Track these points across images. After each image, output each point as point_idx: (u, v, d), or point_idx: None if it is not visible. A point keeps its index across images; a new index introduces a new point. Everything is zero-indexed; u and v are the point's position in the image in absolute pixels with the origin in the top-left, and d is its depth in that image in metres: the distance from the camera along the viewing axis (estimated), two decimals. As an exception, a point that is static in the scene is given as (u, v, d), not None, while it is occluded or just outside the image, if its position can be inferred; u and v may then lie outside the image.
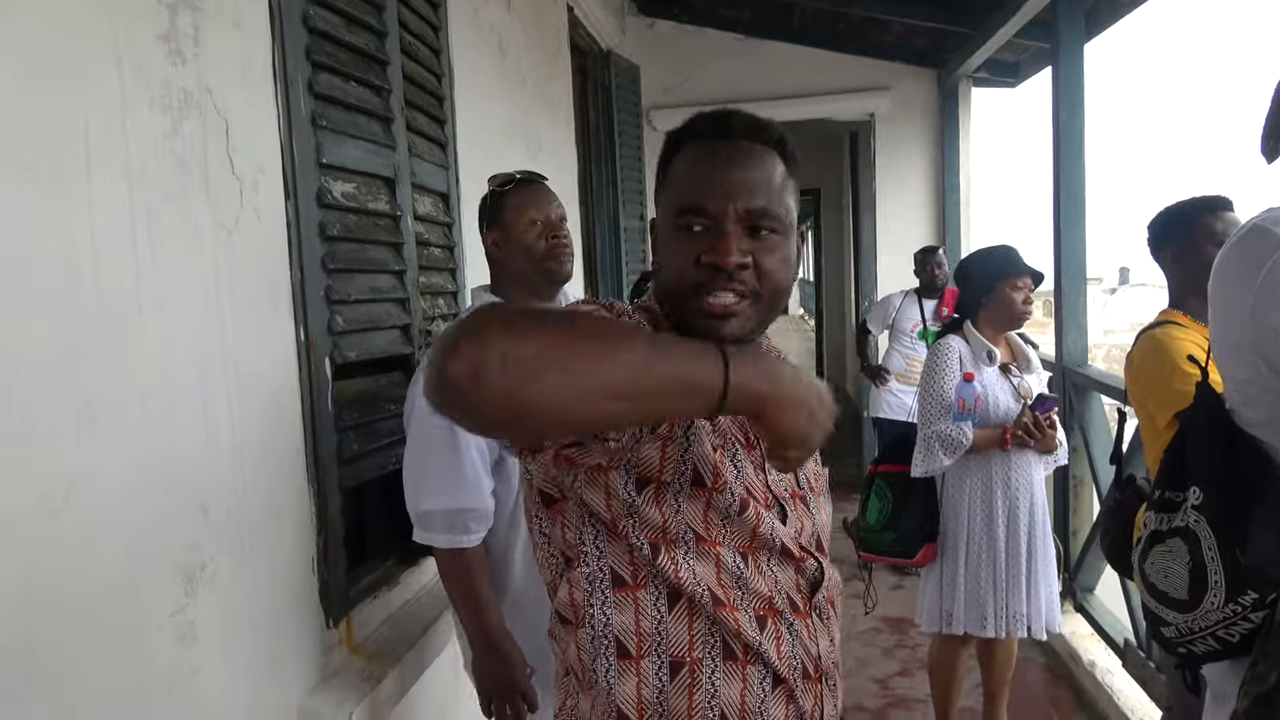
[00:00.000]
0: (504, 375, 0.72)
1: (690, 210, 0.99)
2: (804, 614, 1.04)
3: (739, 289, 0.98)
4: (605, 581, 1.00)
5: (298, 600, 1.70)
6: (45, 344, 1.13)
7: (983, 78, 5.66)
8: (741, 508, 0.99)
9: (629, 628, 0.99)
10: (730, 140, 1.02)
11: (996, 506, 2.63)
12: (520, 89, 3.29)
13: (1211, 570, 1.19)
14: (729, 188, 0.98)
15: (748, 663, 1.00)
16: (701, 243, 0.98)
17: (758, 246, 0.99)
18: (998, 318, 2.68)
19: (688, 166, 1.02)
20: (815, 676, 1.04)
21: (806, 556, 1.05)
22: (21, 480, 1.09)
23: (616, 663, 1.00)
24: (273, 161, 1.63)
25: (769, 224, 0.99)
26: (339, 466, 1.82)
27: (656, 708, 0.99)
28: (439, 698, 2.17)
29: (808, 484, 1.11)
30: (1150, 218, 2.10)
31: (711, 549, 0.99)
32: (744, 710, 0.99)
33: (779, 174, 1.02)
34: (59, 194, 1.15)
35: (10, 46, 1.09)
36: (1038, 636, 2.67)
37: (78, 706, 1.17)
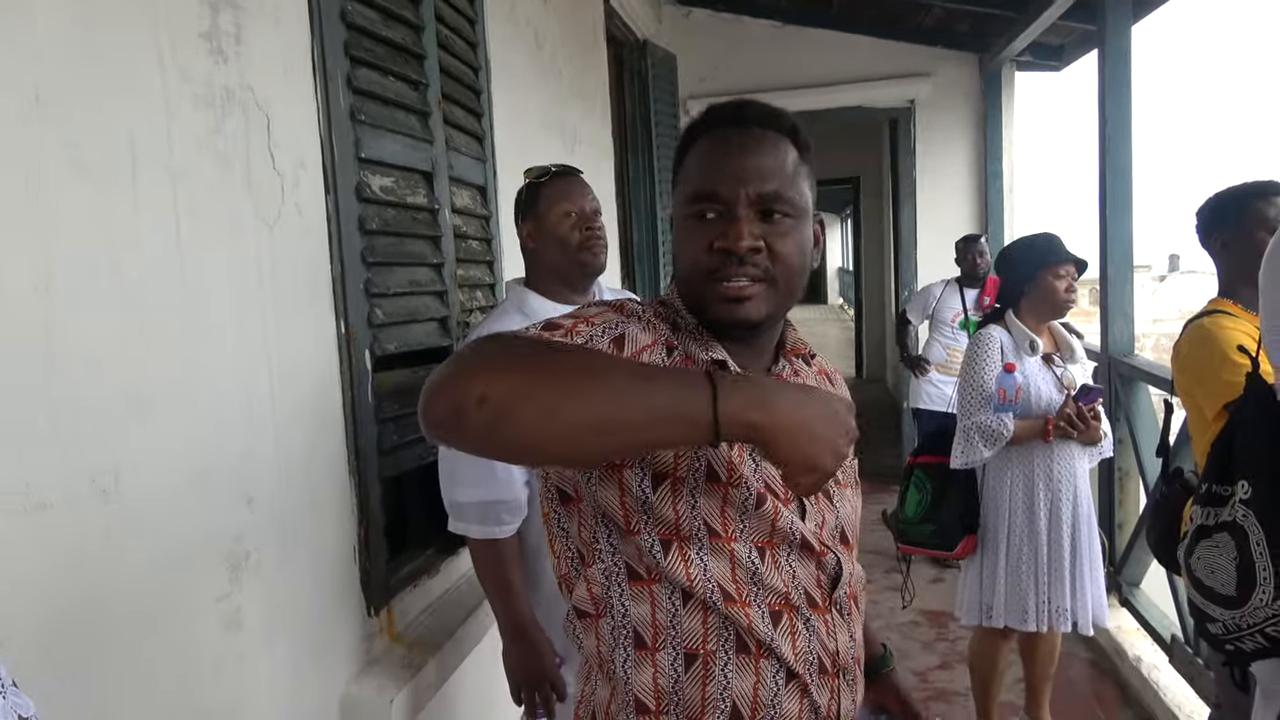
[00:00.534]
0: (481, 414, 0.77)
1: (703, 197, 1.00)
2: (823, 609, 1.04)
3: (752, 273, 0.99)
4: (621, 575, 1.01)
5: (339, 589, 1.73)
6: (96, 337, 1.16)
7: (1026, 61, 5.55)
8: (759, 502, 0.99)
9: (645, 619, 1.00)
10: (742, 128, 1.03)
11: (1038, 499, 2.59)
12: (556, 81, 3.30)
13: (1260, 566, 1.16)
14: (740, 173, 0.99)
15: (760, 656, 1.00)
16: (715, 229, 0.99)
17: (770, 230, 1.00)
18: (1040, 307, 2.63)
19: (701, 156, 1.03)
20: (833, 672, 1.04)
21: (827, 551, 1.05)
22: (74, 465, 1.12)
23: (634, 653, 1.01)
24: (313, 157, 1.66)
25: (781, 208, 1.00)
26: (379, 457, 1.84)
27: (672, 697, 1.00)
28: (479, 685, 2.20)
29: (833, 477, 1.11)
30: (1200, 203, 2.05)
31: (726, 545, 0.99)
32: (756, 702, 1.00)
33: (791, 160, 1.03)
34: (108, 193, 1.18)
35: (61, 50, 1.11)
36: (1084, 632, 2.63)
37: (129, 689, 1.20)
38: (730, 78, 5.64)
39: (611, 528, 1.01)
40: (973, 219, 5.72)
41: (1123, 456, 3.49)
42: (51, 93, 1.09)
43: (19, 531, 1.05)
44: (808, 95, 5.65)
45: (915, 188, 5.86)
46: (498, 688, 2.24)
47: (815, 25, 5.62)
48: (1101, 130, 3.56)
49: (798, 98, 5.64)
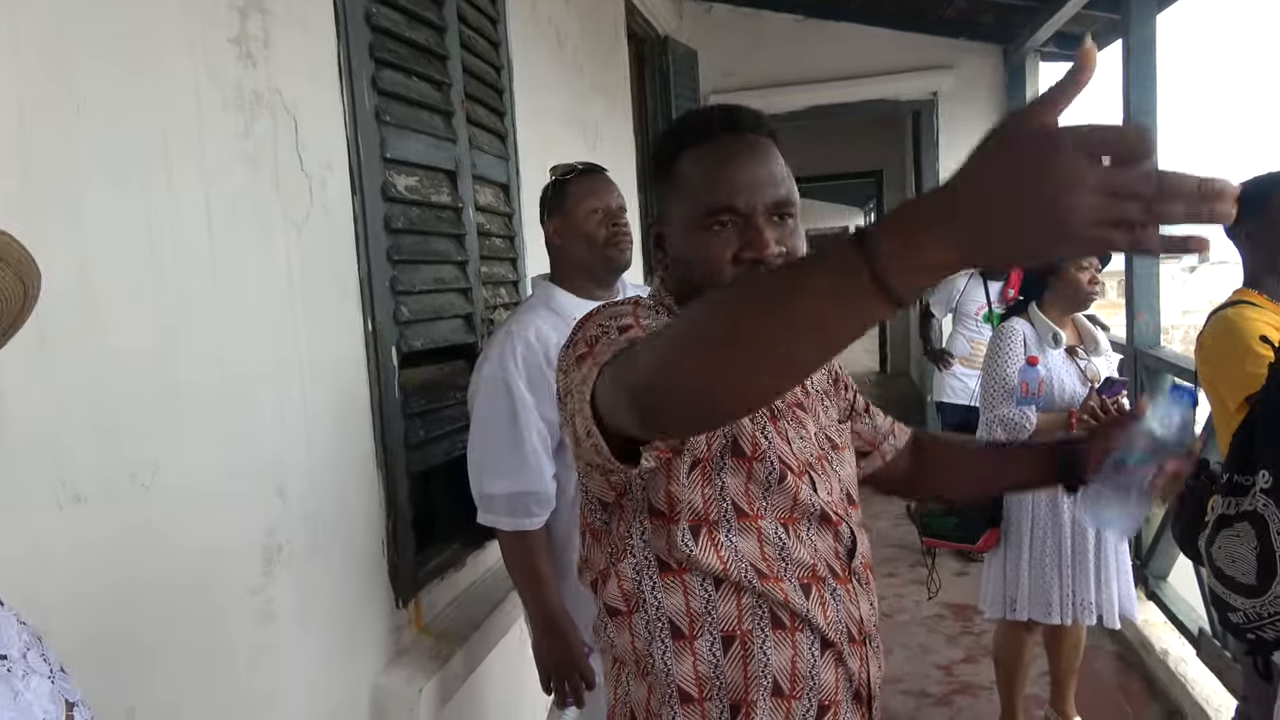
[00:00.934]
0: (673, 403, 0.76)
1: (721, 209, 1.03)
2: (844, 579, 1.07)
3: None
4: (652, 568, 1.04)
5: (369, 581, 1.76)
6: (134, 335, 1.19)
7: (1050, 52, 5.50)
8: (781, 476, 1.03)
9: (680, 609, 1.03)
10: (739, 135, 1.06)
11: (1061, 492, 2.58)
12: (578, 78, 3.32)
13: None
14: (755, 183, 1.03)
15: (796, 630, 1.03)
16: (733, 239, 1.03)
17: (784, 233, 1.04)
18: (1064, 299, 2.63)
19: (704, 167, 1.06)
20: (860, 639, 1.08)
21: (841, 520, 1.08)
22: (112, 460, 1.16)
23: (672, 644, 1.04)
24: (339, 158, 1.69)
25: (791, 211, 1.05)
26: (406, 452, 1.88)
27: (714, 682, 1.03)
28: (506, 676, 2.23)
29: (829, 442, 1.14)
30: None
31: (753, 523, 1.02)
32: (795, 674, 1.03)
33: (784, 163, 1.07)
34: (144, 195, 1.22)
35: (102, 58, 1.15)
36: (1110, 625, 2.62)
37: (167, 677, 1.24)
38: (752, 73, 5.63)
39: (646, 522, 1.04)
40: (997, 211, 5.68)
41: (1149, 449, 3.46)
42: (92, 100, 1.13)
43: (58, 525, 1.09)
44: (830, 89, 5.63)
45: (939, 180, 5.80)
46: (525, 678, 2.27)
47: (837, 19, 5.60)
48: (1125, 120, 3.53)
49: (819, 92, 5.63)
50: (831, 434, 1.16)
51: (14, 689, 0.65)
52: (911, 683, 3.25)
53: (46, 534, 1.07)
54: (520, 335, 1.72)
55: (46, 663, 0.70)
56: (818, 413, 1.16)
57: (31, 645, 0.70)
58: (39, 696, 0.67)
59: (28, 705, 0.66)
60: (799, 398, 1.13)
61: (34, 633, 0.71)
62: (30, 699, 0.66)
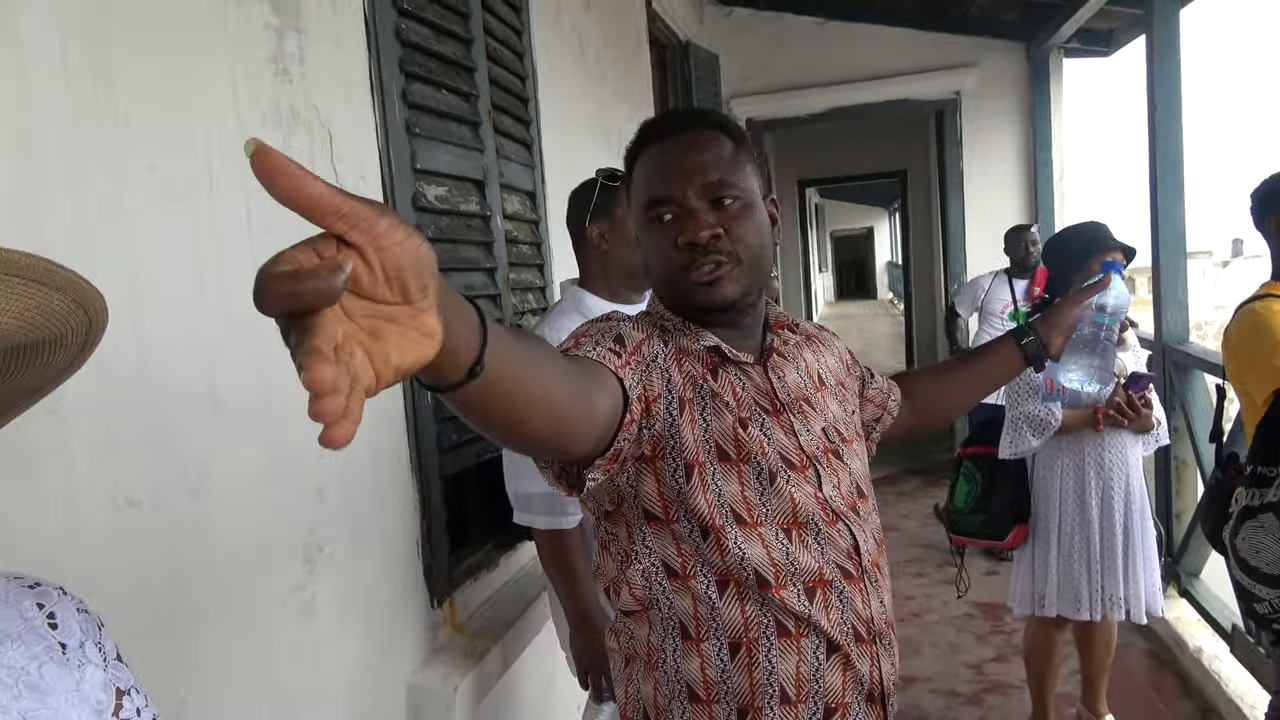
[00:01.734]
0: None
1: (656, 201, 1.08)
2: (856, 579, 1.09)
3: (717, 258, 1.07)
4: (660, 573, 1.08)
5: (404, 581, 1.80)
6: (182, 344, 1.25)
7: (1074, 48, 5.47)
8: (771, 477, 1.05)
9: (688, 612, 1.07)
10: (674, 134, 1.11)
11: (1089, 487, 2.58)
12: (601, 85, 3.36)
13: None
14: (683, 171, 1.07)
15: (801, 636, 1.05)
16: (675, 228, 1.07)
17: (724, 217, 1.07)
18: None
19: (643, 168, 1.12)
20: (869, 638, 1.09)
21: (836, 521, 1.09)
22: (164, 463, 1.21)
23: (681, 644, 1.07)
24: (372, 169, 1.74)
25: (729, 194, 1.07)
26: (439, 455, 1.92)
27: (721, 686, 1.06)
28: (539, 674, 2.27)
29: (838, 436, 1.16)
30: (1254, 187, 2.03)
31: (754, 530, 1.04)
32: (799, 679, 1.05)
33: (728, 150, 1.10)
34: (189, 209, 1.27)
35: (146, 75, 1.20)
36: (1137, 620, 2.62)
37: (215, 669, 1.29)
38: (773, 76, 5.65)
39: (646, 528, 1.07)
40: (1022, 209, 5.66)
41: (1179, 445, 3.44)
42: (137, 116, 1.18)
43: (113, 527, 1.14)
44: (852, 90, 5.64)
45: (963, 179, 5.81)
46: (558, 676, 2.31)
47: (858, 20, 5.60)
48: (1151, 116, 3.52)
49: (841, 93, 5.64)
50: (841, 428, 1.18)
51: (74, 678, 0.69)
52: (941, 682, 3.26)
53: (104, 534, 1.12)
54: (552, 339, 1.76)
55: (101, 652, 0.74)
56: (828, 407, 1.18)
57: (89, 634, 0.74)
58: (93, 686, 0.71)
59: (85, 695, 0.70)
60: (806, 392, 1.15)
61: (95, 620, 0.75)
62: (88, 689, 0.70)
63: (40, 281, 0.59)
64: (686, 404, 1.05)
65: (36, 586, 0.72)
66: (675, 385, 1.06)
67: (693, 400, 1.06)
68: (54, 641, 0.69)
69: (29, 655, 0.67)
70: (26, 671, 0.66)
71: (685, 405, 1.05)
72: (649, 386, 1.02)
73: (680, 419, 1.04)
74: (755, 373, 1.13)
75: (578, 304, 1.83)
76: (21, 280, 0.58)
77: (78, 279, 0.63)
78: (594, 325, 1.07)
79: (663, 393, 1.04)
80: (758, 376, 1.12)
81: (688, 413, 1.05)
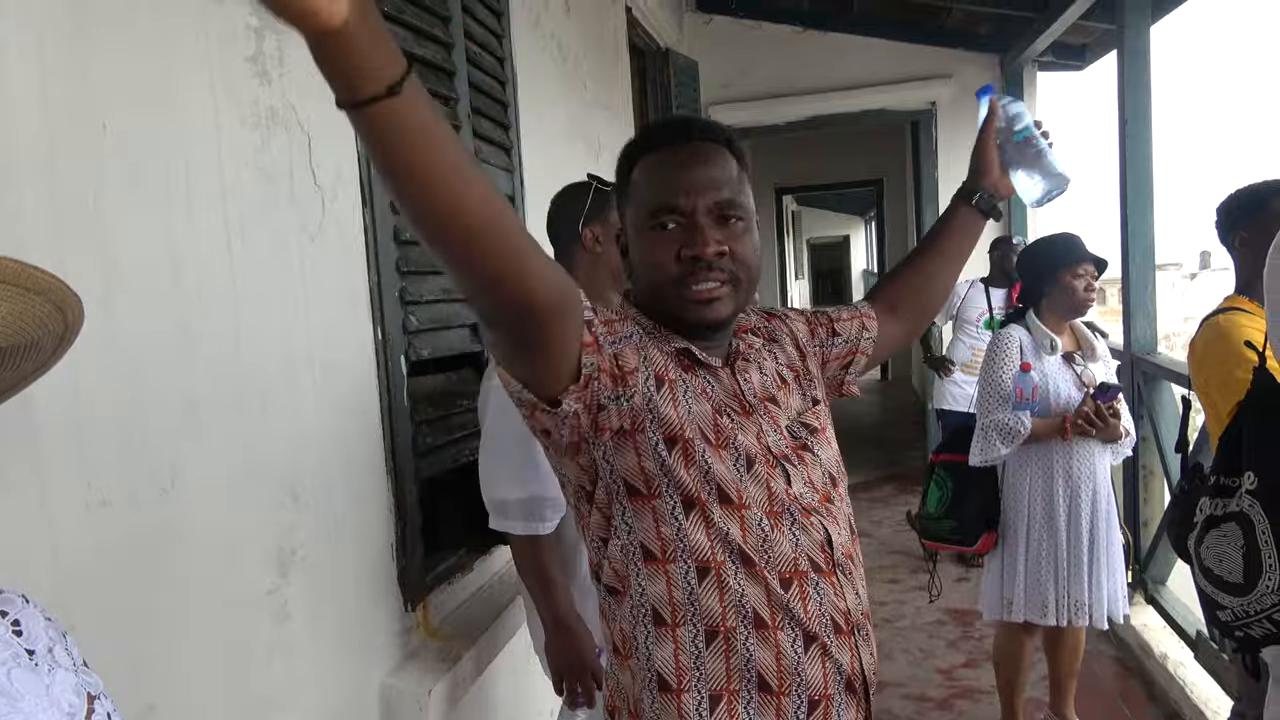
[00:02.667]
0: None
1: (663, 210, 1.08)
2: (829, 572, 1.09)
3: (719, 276, 1.07)
4: (637, 554, 1.08)
5: (378, 584, 1.80)
6: (155, 344, 1.24)
7: (1048, 62, 5.55)
8: (750, 463, 1.06)
9: (663, 598, 1.07)
10: (684, 142, 1.11)
11: (1057, 495, 2.62)
12: (580, 91, 3.37)
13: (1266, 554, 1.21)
14: (696, 184, 1.07)
15: (778, 628, 1.05)
16: (678, 238, 1.07)
17: (729, 235, 1.08)
18: (1060, 306, 2.67)
19: (651, 172, 1.11)
20: (847, 630, 1.10)
21: (810, 514, 1.10)
22: (135, 464, 1.20)
23: (654, 630, 1.07)
24: (351, 171, 1.73)
25: (736, 213, 1.08)
26: (415, 458, 1.92)
27: (694, 673, 1.06)
28: (513, 678, 2.27)
29: (805, 430, 1.17)
30: (1220, 202, 2.07)
31: (738, 511, 1.05)
32: (780, 670, 1.05)
33: (734, 168, 1.11)
34: (166, 209, 1.26)
35: (124, 76, 1.20)
36: (1099, 625, 2.66)
37: (187, 674, 1.28)
38: (752, 83, 5.69)
39: (625, 504, 1.07)
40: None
41: (1146, 455, 3.50)
42: (115, 116, 1.17)
43: (84, 528, 1.13)
44: (829, 99, 5.69)
45: (938, 189, 5.87)
46: (532, 681, 2.31)
47: (835, 29, 5.65)
48: (1121, 129, 3.58)
49: (819, 102, 5.68)
50: (808, 419, 1.18)
51: (44, 683, 0.69)
52: (913, 687, 3.28)
53: (74, 535, 1.11)
54: None
55: (70, 657, 0.74)
56: (791, 403, 1.18)
57: (56, 641, 0.73)
58: (64, 690, 0.71)
59: (55, 699, 0.69)
60: (771, 391, 1.16)
61: (59, 629, 0.75)
62: (58, 693, 0.70)
63: (24, 287, 0.59)
64: (667, 382, 1.07)
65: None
66: (654, 362, 1.07)
67: (674, 381, 1.08)
68: (20, 648, 0.69)
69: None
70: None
71: (665, 382, 1.07)
72: (622, 358, 1.04)
73: (659, 395, 1.05)
74: (724, 375, 1.14)
75: None
76: (4, 285, 0.58)
77: (58, 283, 0.63)
78: (607, 316, 1.08)
79: (639, 366, 1.05)
80: (726, 379, 1.13)
81: (668, 389, 1.06)
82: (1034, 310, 2.71)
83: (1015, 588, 2.67)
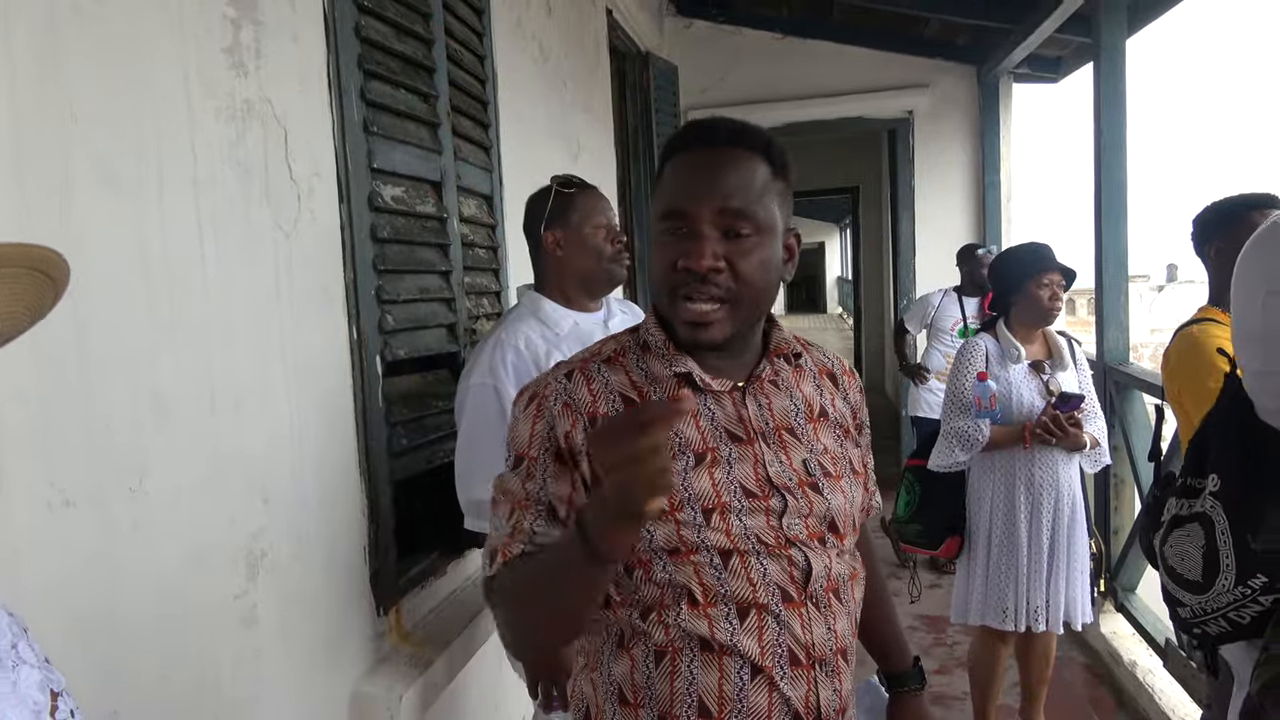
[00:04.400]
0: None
1: (671, 214, 1.02)
2: (798, 603, 1.05)
3: (714, 292, 1.00)
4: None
5: (350, 588, 1.77)
6: (125, 341, 1.21)
7: (1024, 73, 5.61)
8: (706, 517, 1.02)
9: (624, 619, 1.07)
10: (713, 146, 1.04)
11: (1018, 503, 2.66)
12: (560, 92, 3.35)
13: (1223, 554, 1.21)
14: (704, 191, 1.00)
15: (724, 654, 1.03)
16: (680, 247, 1.01)
17: (733, 249, 1.00)
18: (1027, 315, 2.70)
19: (672, 173, 1.05)
20: (806, 663, 1.06)
21: (790, 546, 1.06)
22: (102, 465, 1.17)
23: (615, 649, 1.07)
24: (328, 167, 1.71)
25: (744, 226, 1.01)
26: (389, 460, 1.89)
27: (646, 691, 1.05)
28: (485, 683, 2.24)
29: (820, 470, 1.12)
30: (1197, 213, 2.09)
31: (687, 559, 1.02)
32: (722, 696, 1.03)
33: (760, 176, 1.03)
34: (137, 202, 1.23)
35: (96, 66, 1.16)
36: (1054, 630, 2.69)
37: (151, 683, 1.24)
38: (731, 89, 5.70)
39: None
40: (971, 228, 5.77)
41: (1118, 463, 3.53)
42: (86, 108, 1.14)
43: (47, 528, 1.10)
44: (808, 106, 5.71)
45: (914, 197, 5.91)
46: (505, 686, 2.28)
47: (815, 37, 5.68)
48: (1096, 142, 3.61)
49: (797, 109, 5.70)
50: (827, 462, 1.12)
51: (10, 680, 0.66)
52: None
53: (36, 535, 1.08)
54: (510, 343, 1.75)
55: (34, 652, 0.71)
56: (818, 439, 1.13)
57: (19, 637, 0.71)
58: (30, 687, 0.68)
59: (22, 697, 0.67)
60: (792, 421, 1.11)
61: (21, 624, 0.72)
62: (24, 690, 0.67)
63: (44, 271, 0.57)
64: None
65: None
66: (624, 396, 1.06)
67: None
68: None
69: None
70: None
71: None
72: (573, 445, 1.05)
73: None
74: (728, 400, 1.09)
75: (535, 309, 1.82)
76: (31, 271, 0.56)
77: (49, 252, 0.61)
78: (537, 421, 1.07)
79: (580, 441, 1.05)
80: (730, 404, 1.09)
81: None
82: (1004, 319, 2.74)
83: (973, 591, 2.71)
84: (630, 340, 1.12)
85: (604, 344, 1.14)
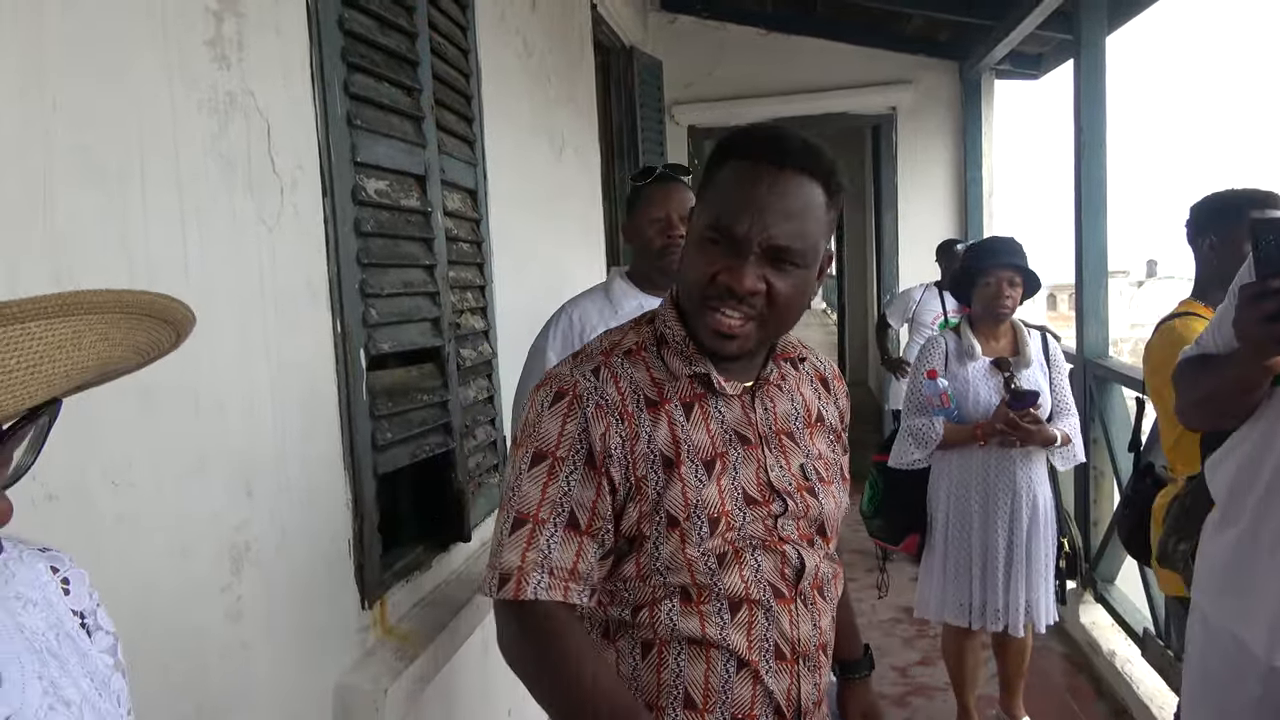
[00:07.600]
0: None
1: (719, 227, 1.02)
2: (789, 600, 1.08)
3: (747, 311, 1.02)
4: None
5: (335, 581, 1.77)
6: (106, 334, 1.20)
7: (1006, 70, 5.65)
8: (712, 526, 1.04)
9: (610, 617, 1.09)
10: (779, 167, 1.02)
11: (972, 504, 2.67)
12: (545, 87, 3.35)
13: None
14: (759, 216, 1.00)
15: (710, 647, 1.05)
16: (722, 260, 1.01)
17: (774, 274, 1.02)
18: (980, 311, 2.73)
19: (730, 182, 1.03)
20: (791, 658, 1.08)
21: (784, 544, 1.09)
22: (85, 457, 1.16)
23: (600, 638, 1.10)
24: (311, 160, 1.70)
25: (790, 258, 1.02)
26: (373, 453, 1.88)
27: (633, 682, 1.07)
28: (471, 677, 2.24)
29: (816, 475, 1.14)
30: (1195, 201, 2.07)
31: (684, 563, 1.05)
32: (707, 688, 1.05)
33: (816, 208, 1.03)
34: (119, 194, 1.22)
35: (78, 57, 1.16)
36: (1014, 634, 2.71)
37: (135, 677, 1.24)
38: (715, 84, 5.71)
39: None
40: (953, 224, 5.81)
41: (1097, 456, 3.57)
42: (67, 97, 1.13)
43: (28, 522, 1.08)
44: (791, 101, 5.73)
45: (897, 193, 5.95)
46: (491, 680, 2.29)
47: (799, 32, 5.70)
48: (1077, 138, 3.64)
49: (782, 104, 5.72)
50: (821, 467, 1.15)
51: (87, 643, 0.71)
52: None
53: (18, 529, 1.06)
54: (568, 312, 1.95)
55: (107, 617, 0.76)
56: (813, 444, 1.16)
57: (95, 600, 0.74)
58: (103, 651, 0.73)
59: (95, 662, 0.70)
60: (792, 426, 1.14)
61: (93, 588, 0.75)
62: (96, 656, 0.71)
63: (165, 319, 0.59)
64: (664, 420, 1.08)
65: (47, 550, 0.71)
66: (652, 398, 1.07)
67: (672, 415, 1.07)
68: (67, 608, 0.69)
69: (48, 622, 0.66)
70: (47, 638, 0.65)
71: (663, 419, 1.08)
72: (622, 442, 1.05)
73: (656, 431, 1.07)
74: (738, 403, 1.10)
75: (608, 286, 2.00)
76: (151, 319, 0.58)
77: (180, 306, 0.62)
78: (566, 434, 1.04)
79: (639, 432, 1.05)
80: (740, 407, 1.10)
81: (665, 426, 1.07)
82: (970, 315, 2.77)
83: (933, 588, 2.74)
84: (649, 333, 1.12)
85: (624, 334, 1.14)
